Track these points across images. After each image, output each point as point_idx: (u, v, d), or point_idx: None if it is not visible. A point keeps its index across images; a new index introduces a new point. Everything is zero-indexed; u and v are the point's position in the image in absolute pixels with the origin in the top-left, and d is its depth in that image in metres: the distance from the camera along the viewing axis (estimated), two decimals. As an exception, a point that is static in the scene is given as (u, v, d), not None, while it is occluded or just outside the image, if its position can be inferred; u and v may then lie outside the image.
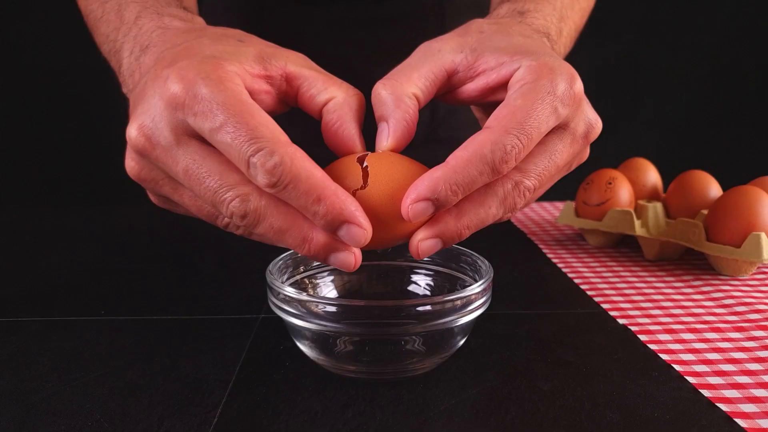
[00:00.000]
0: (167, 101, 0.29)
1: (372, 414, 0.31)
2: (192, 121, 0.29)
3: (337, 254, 0.30)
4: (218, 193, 0.29)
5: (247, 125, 0.28)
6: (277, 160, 0.27)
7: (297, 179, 0.27)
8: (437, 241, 0.30)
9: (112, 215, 0.72)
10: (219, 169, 0.29)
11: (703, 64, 1.53)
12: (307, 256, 0.30)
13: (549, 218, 0.68)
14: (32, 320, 0.42)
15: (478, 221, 0.31)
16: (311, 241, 0.29)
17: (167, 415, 0.30)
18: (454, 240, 0.31)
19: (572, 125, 0.33)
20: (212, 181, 0.29)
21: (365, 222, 0.28)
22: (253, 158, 0.27)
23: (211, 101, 0.28)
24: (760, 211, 0.49)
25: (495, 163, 0.29)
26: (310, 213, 0.28)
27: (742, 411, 0.31)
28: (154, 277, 0.51)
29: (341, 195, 0.28)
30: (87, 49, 0.58)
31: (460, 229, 0.30)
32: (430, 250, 0.30)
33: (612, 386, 0.33)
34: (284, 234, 0.29)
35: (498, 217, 0.32)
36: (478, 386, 0.33)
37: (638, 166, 0.62)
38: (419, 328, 0.31)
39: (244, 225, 0.30)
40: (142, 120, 0.30)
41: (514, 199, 0.31)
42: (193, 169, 0.29)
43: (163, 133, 0.30)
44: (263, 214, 0.29)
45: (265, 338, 0.39)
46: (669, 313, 0.43)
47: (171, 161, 0.30)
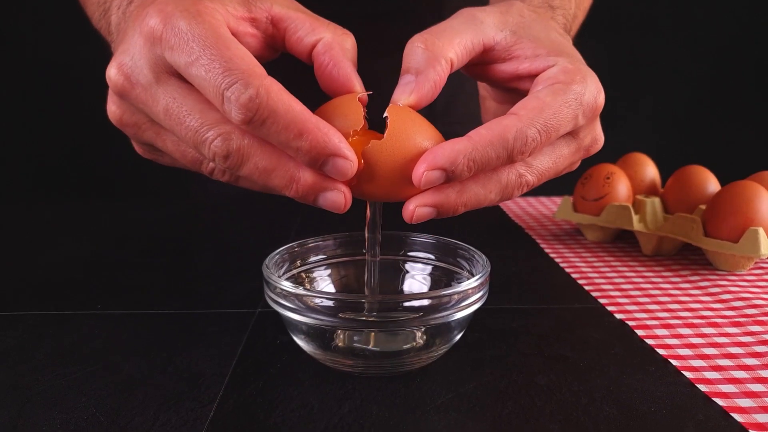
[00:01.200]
0: (145, 36, 0.28)
1: (368, 408, 0.31)
2: (169, 56, 0.28)
3: (325, 194, 0.29)
4: (199, 133, 0.28)
5: (221, 57, 0.27)
6: (252, 93, 0.26)
7: (274, 114, 0.26)
8: (433, 210, 0.30)
9: (109, 210, 0.72)
10: (199, 107, 0.28)
11: (702, 59, 1.53)
12: (295, 197, 0.29)
13: (547, 213, 0.68)
14: (28, 314, 0.42)
15: (476, 201, 0.31)
16: (298, 181, 0.28)
17: (163, 409, 0.30)
18: (448, 214, 0.30)
19: (582, 135, 0.33)
20: (193, 120, 0.28)
21: (351, 153, 0.28)
22: (227, 92, 0.26)
23: (187, 33, 0.27)
24: (758, 206, 0.48)
25: (514, 150, 0.29)
26: (293, 150, 0.27)
27: (738, 405, 0.31)
28: (151, 272, 0.51)
29: (323, 128, 0.27)
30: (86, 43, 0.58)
31: (458, 205, 0.30)
32: (424, 218, 0.30)
33: (609, 381, 0.33)
34: (270, 174, 0.28)
35: (493, 202, 0.32)
36: (475, 381, 0.33)
37: (636, 161, 0.61)
38: (416, 322, 0.31)
39: (228, 167, 0.28)
40: (121, 59, 0.29)
41: (513, 190, 0.31)
42: (173, 108, 0.28)
43: (143, 71, 0.29)
44: (247, 153, 0.28)
45: (261, 333, 0.39)
46: (666, 309, 0.43)
47: (151, 101, 0.29)
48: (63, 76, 1.34)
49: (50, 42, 1.33)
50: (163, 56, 0.28)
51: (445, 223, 0.67)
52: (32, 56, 1.34)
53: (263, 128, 0.27)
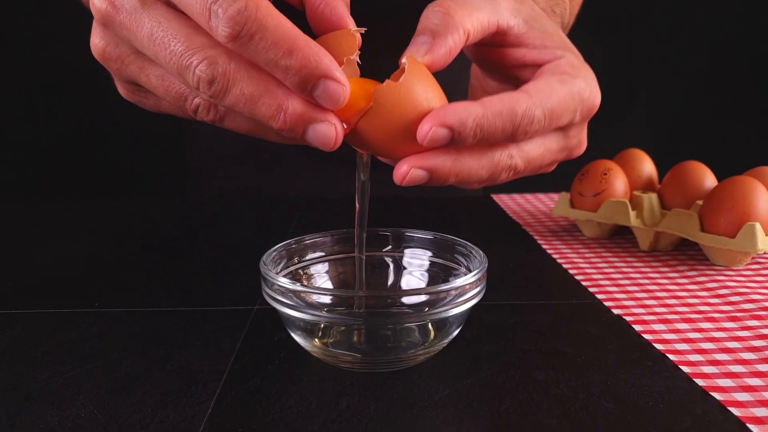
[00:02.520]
0: None
1: (366, 404, 0.31)
2: None
3: (315, 126, 0.27)
4: (183, 57, 0.27)
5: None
6: (241, 6, 0.25)
7: (264, 28, 0.25)
8: (426, 175, 0.30)
9: (107, 208, 0.72)
10: (185, 31, 0.27)
11: (698, 55, 1.53)
12: (283, 130, 0.28)
13: (544, 209, 0.68)
14: (26, 312, 0.42)
15: (467, 175, 0.30)
16: (287, 110, 0.27)
17: (161, 406, 0.30)
18: (438, 181, 0.30)
19: (571, 134, 0.34)
20: (178, 45, 0.27)
21: (343, 78, 0.27)
22: (215, 5, 0.25)
23: None
24: (755, 201, 0.49)
25: (519, 127, 0.29)
26: (281, 69, 0.26)
27: (735, 400, 0.31)
28: (149, 270, 0.51)
29: (314, 47, 0.26)
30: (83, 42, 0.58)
31: (450, 174, 0.30)
32: (415, 181, 0.30)
33: (606, 376, 0.33)
34: (257, 102, 0.27)
35: (481, 180, 0.31)
36: (473, 376, 0.33)
37: (633, 157, 0.62)
38: (413, 318, 0.31)
39: (212, 95, 0.27)
40: None
41: (502, 171, 0.31)
42: (157, 33, 0.28)
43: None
44: (233, 77, 0.27)
45: (259, 329, 0.39)
46: (663, 304, 0.43)
47: (135, 26, 0.28)
48: (62, 75, 1.34)
49: (48, 40, 1.32)
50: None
51: (442, 218, 0.67)
52: (31, 55, 1.34)
53: (251, 45, 0.26)
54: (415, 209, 0.68)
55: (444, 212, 0.69)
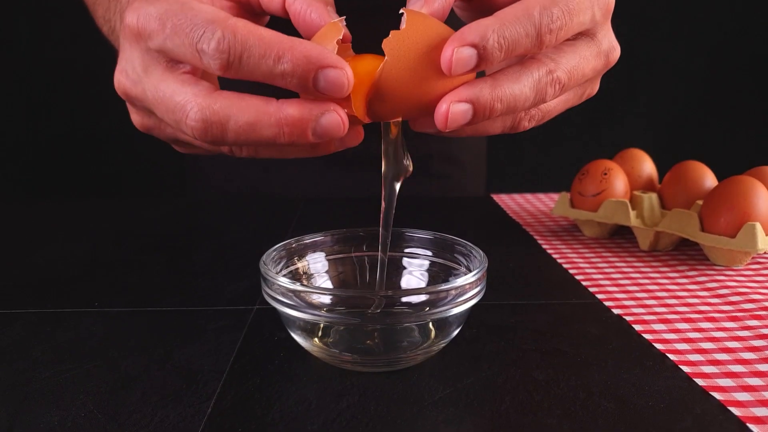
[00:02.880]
0: (129, 36, 0.30)
1: (366, 404, 0.31)
2: (151, 43, 0.29)
3: (319, 121, 0.27)
4: (176, 113, 0.28)
5: (186, 18, 0.27)
6: (219, 36, 0.26)
7: (247, 47, 0.26)
8: (469, 108, 0.28)
9: (107, 208, 0.72)
10: (173, 87, 0.29)
11: (699, 55, 1.53)
12: (292, 141, 0.28)
13: (544, 209, 0.68)
14: (25, 312, 0.42)
15: (511, 97, 0.29)
16: (287, 120, 0.27)
17: (161, 405, 0.30)
18: (485, 113, 0.29)
19: (599, 37, 0.33)
20: (170, 102, 0.28)
21: (338, 60, 0.27)
22: (199, 45, 0.27)
23: (157, 15, 0.28)
24: (755, 201, 0.49)
25: (541, 27, 0.29)
26: (279, 77, 0.27)
27: (735, 399, 0.31)
28: (148, 269, 0.51)
29: (300, 44, 0.26)
30: (81, 42, 0.58)
31: (493, 101, 0.29)
32: (460, 119, 0.29)
33: (607, 376, 0.33)
34: (255, 128, 0.28)
35: (528, 101, 0.30)
36: (473, 376, 0.33)
37: (634, 157, 0.61)
38: (413, 317, 0.31)
39: (212, 140, 0.28)
40: (119, 66, 0.31)
41: (546, 87, 0.30)
42: (156, 96, 0.29)
43: (135, 68, 0.30)
44: (223, 116, 0.28)
45: (259, 329, 0.39)
46: (664, 303, 0.43)
47: (142, 94, 0.30)
48: (61, 75, 1.34)
49: (48, 40, 1.32)
50: (148, 46, 0.29)
51: (442, 218, 0.67)
52: (31, 54, 1.34)
53: (243, 66, 0.27)
54: (415, 209, 0.68)
55: (444, 212, 0.69)
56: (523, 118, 0.33)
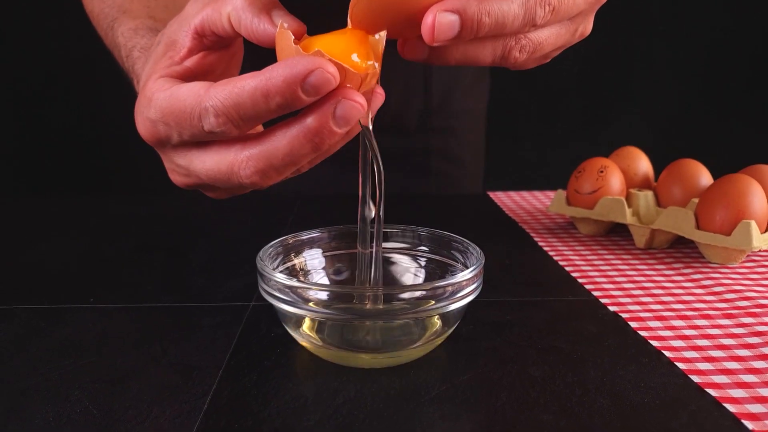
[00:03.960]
0: (153, 144, 0.34)
1: (363, 400, 0.31)
2: (173, 142, 0.32)
3: (336, 114, 0.28)
4: (232, 180, 0.31)
5: (179, 111, 0.30)
6: (213, 111, 0.28)
7: (238, 105, 0.28)
8: (456, 19, 0.28)
9: (103, 205, 0.71)
10: (221, 158, 0.31)
11: (695, 54, 1.53)
12: (327, 145, 0.29)
13: (540, 207, 0.68)
14: (21, 308, 0.41)
15: (499, 12, 0.28)
16: (311, 131, 0.28)
17: (157, 401, 0.30)
18: (473, 27, 0.28)
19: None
20: (223, 172, 0.31)
21: (310, 62, 0.27)
22: (205, 127, 0.29)
23: (159, 119, 0.31)
24: (750, 199, 0.49)
25: None
26: (278, 110, 0.28)
27: (731, 396, 0.31)
28: (145, 266, 0.50)
29: (272, 72, 0.27)
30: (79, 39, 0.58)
31: (481, 13, 0.28)
32: (448, 28, 0.28)
33: (602, 372, 0.33)
34: (294, 152, 0.29)
35: (518, 20, 0.29)
36: (470, 372, 0.33)
37: (630, 155, 0.62)
38: (410, 314, 0.31)
39: (272, 180, 0.31)
40: (169, 171, 0.36)
41: (536, 6, 0.29)
42: (210, 175, 0.32)
43: (180, 166, 0.33)
44: (266, 157, 0.29)
45: (255, 325, 0.39)
46: (659, 301, 0.43)
47: (199, 180, 0.33)
48: (57, 72, 1.33)
49: (45, 38, 1.32)
50: (172, 146, 0.33)
51: (439, 215, 0.67)
52: (27, 52, 1.33)
53: (246, 120, 0.28)
54: (412, 206, 0.68)
55: (441, 209, 0.69)
56: (513, 47, 0.31)
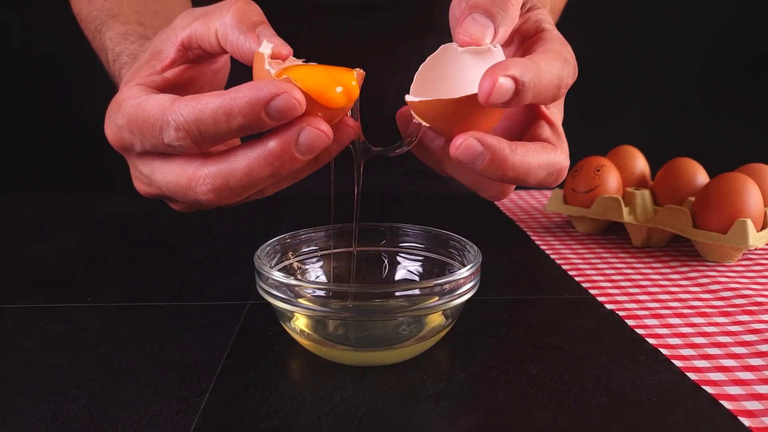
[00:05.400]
0: (119, 150, 0.33)
1: (360, 398, 0.31)
2: (137, 150, 0.31)
3: (299, 141, 0.28)
4: (189, 194, 0.30)
5: (143, 120, 0.29)
6: (174, 125, 0.28)
7: (200, 121, 0.28)
8: (484, 152, 0.29)
9: (100, 203, 0.71)
10: (181, 171, 0.30)
11: (691, 53, 1.53)
12: (288, 170, 0.29)
13: (537, 205, 0.68)
14: (18, 307, 0.41)
15: (522, 169, 0.30)
16: (273, 155, 0.28)
17: (154, 399, 0.30)
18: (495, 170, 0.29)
19: None
20: (182, 185, 0.30)
21: (277, 87, 0.27)
22: (165, 140, 0.29)
23: (125, 126, 0.31)
24: (746, 197, 0.49)
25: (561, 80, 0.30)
26: (239, 130, 0.28)
27: (727, 393, 0.31)
28: (142, 264, 0.50)
29: (238, 93, 0.27)
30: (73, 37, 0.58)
31: (506, 165, 0.29)
32: (475, 156, 0.29)
33: (600, 370, 0.33)
34: (252, 174, 0.29)
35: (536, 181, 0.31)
36: (467, 370, 0.33)
37: (626, 154, 0.62)
38: (408, 312, 0.31)
39: (226, 200, 0.30)
40: (133, 178, 0.36)
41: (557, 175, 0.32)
42: (169, 186, 0.31)
43: (144, 173, 0.33)
44: (224, 176, 0.29)
45: (253, 324, 0.39)
46: (656, 299, 0.43)
47: (159, 190, 0.33)
48: (51, 68, 1.33)
49: (39, 36, 1.31)
50: (137, 153, 0.32)
51: (436, 214, 0.67)
52: (21, 51, 1.33)
53: (206, 138, 0.28)
54: (410, 205, 0.68)
55: (438, 208, 0.69)
56: (508, 194, 0.34)
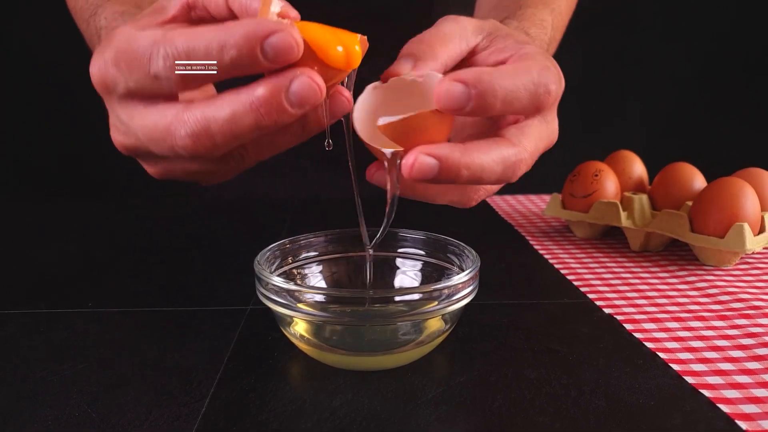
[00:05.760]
0: (102, 91, 0.31)
1: (360, 402, 0.31)
2: (119, 90, 0.29)
3: (291, 89, 0.27)
4: (166, 140, 0.29)
5: (132, 52, 0.28)
6: (164, 53, 0.27)
7: (191, 50, 0.26)
8: (435, 164, 0.29)
9: (102, 210, 0.71)
10: (160, 115, 0.29)
11: (689, 58, 1.54)
12: (274, 120, 0.27)
13: (536, 210, 0.69)
14: (20, 312, 0.42)
15: (478, 168, 0.30)
16: (259, 101, 0.27)
17: (155, 405, 0.30)
18: (449, 175, 0.29)
19: (549, 118, 0.34)
20: (160, 130, 0.29)
21: (277, 24, 0.26)
22: (152, 71, 0.27)
23: (112, 61, 0.29)
24: (743, 202, 0.49)
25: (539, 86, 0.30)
26: (231, 66, 0.26)
27: (724, 396, 0.31)
28: (143, 270, 0.51)
29: (235, 26, 0.26)
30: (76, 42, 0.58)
31: (460, 165, 0.29)
32: (428, 170, 0.29)
33: (598, 374, 0.34)
34: (236, 120, 0.27)
35: (495, 176, 0.31)
36: (466, 374, 0.33)
37: (624, 159, 0.62)
38: (407, 317, 0.31)
39: (204, 148, 0.28)
40: (111, 126, 0.33)
41: (515, 167, 0.31)
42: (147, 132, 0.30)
43: (122, 120, 0.31)
44: (205, 119, 0.28)
45: (253, 329, 0.39)
46: (654, 303, 0.43)
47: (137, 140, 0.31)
48: (55, 74, 1.33)
49: (41, 41, 1.32)
50: (119, 94, 0.30)
51: (435, 219, 0.67)
52: (24, 56, 1.33)
53: (198, 69, 0.27)
54: (409, 210, 0.68)
55: (437, 213, 0.69)
56: (472, 198, 0.34)
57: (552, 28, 0.49)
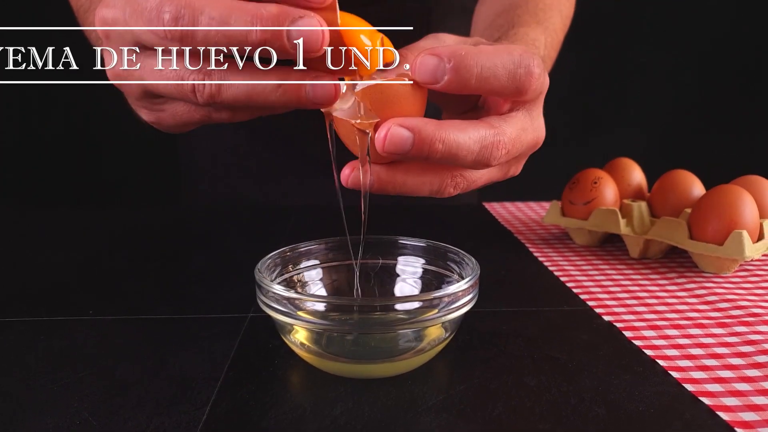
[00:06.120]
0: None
1: (360, 410, 0.31)
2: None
3: (296, 22, 0.27)
4: (152, 12, 0.28)
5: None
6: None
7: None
8: (409, 136, 0.29)
9: (100, 216, 0.72)
10: None
11: (687, 66, 1.54)
12: (263, 39, 0.27)
13: (535, 217, 0.69)
14: (19, 320, 0.42)
15: (454, 143, 0.30)
16: (262, 15, 0.27)
17: (156, 413, 0.31)
18: (423, 148, 0.29)
19: (534, 114, 0.35)
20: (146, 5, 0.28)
21: None
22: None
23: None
24: (742, 209, 0.49)
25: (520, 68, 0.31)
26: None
27: (724, 404, 0.31)
28: (143, 277, 0.51)
29: None
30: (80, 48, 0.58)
31: (435, 138, 0.29)
32: (401, 142, 0.29)
33: (597, 381, 0.34)
34: (228, 19, 0.27)
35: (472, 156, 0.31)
36: (466, 382, 0.33)
37: (623, 166, 0.62)
38: (407, 324, 0.31)
39: (180, 32, 0.28)
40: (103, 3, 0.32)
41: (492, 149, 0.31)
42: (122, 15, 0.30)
43: None
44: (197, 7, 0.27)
45: (254, 337, 0.39)
46: (653, 310, 0.43)
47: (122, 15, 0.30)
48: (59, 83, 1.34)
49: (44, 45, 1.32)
50: None
51: (435, 226, 0.67)
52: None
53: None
54: (408, 217, 0.69)
55: (436, 220, 0.70)
56: (449, 184, 0.33)
57: (545, 46, 0.49)
